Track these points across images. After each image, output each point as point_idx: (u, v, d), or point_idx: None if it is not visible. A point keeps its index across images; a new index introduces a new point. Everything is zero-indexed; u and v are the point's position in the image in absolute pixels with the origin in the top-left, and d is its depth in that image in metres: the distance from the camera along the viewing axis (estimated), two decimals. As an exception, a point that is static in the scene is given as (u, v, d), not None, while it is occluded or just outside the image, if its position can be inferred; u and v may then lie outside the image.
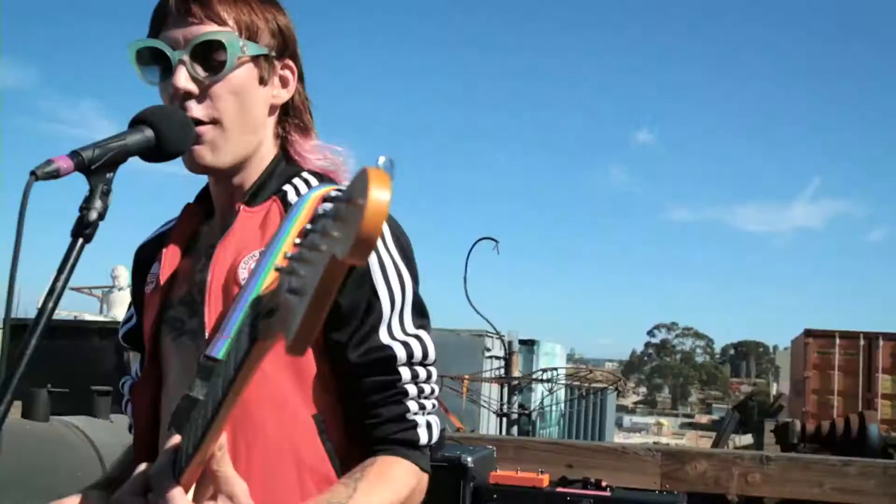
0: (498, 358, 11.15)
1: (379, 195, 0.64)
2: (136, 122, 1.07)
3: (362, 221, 0.64)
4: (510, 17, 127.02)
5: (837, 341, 15.39)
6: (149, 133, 1.05)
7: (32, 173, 0.93)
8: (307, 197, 1.15)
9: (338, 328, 1.11)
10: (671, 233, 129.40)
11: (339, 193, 0.74)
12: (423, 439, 1.14)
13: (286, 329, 0.73)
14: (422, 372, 1.16)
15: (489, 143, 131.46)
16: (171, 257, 1.27)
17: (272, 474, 1.10)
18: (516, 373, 8.76)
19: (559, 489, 2.89)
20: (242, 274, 1.14)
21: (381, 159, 0.67)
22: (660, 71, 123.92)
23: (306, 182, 1.23)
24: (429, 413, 1.17)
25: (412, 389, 1.14)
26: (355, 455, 1.13)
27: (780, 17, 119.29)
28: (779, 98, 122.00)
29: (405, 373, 1.13)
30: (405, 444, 1.12)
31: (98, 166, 0.99)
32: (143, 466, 0.99)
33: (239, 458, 1.07)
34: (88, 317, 10.42)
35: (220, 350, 1.04)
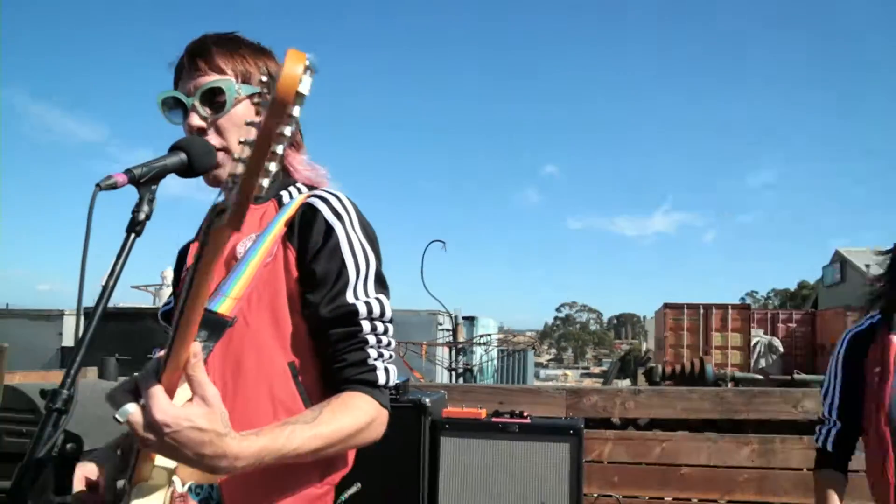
0: (447, 330, 11.11)
1: (292, 67, 0.60)
2: (174, 149, 1.03)
3: (278, 83, 0.60)
4: (449, 63, 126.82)
5: (685, 311, 15.73)
6: (183, 156, 1.02)
7: (97, 185, 0.90)
8: (295, 199, 1.13)
9: (312, 291, 1.05)
10: (570, 237, 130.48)
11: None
12: (382, 380, 1.06)
13: (228, 210, 0.67)
14: (380, 326, 1.09)
15: (437, 172, 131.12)
16: (195, 249, 1.24)
17: (251, 407, 1.03)
18: (461, 339, 8.72)
19: (493, 419, 2.85)
20: (240, 249, 1.09)
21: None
22: (562, 117, 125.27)
23: (299, 190, 1.19)
24: (386, 361, 1.09)
25: (372, 339, 1.06)
26: (326, 397, 1.05)
27: (652, 75, 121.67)
28: (639, 136, 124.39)
29: (366, 325, 1.06)
30: (366, 383, 1.05)
31: (145, 180, 0.96)
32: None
33: (226, 393, 1.00)
34: (145, 306, 10.51)
35: (217, 304, 1.01)
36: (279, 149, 0.65)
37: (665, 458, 3.17)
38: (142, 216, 0.96)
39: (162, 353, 0.84)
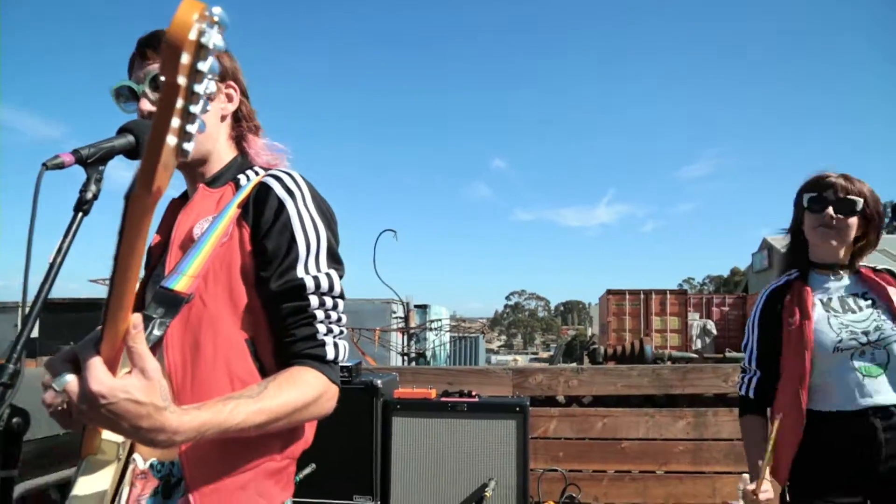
0: (401, 318, 11.14)
1: (183, 13, 0.59)
2: (122, 131, 1.03)
3: (167, 28, 0.59)
4: (412, 61, 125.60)
5: (627, 296, 16.26)
6: (130, 138, 1.02)
7: (43, 164, 0.89)
8: (252, 180, 1.15)
9: (264, 267, 1.06)
10: (519, 228, 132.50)
11: None
12: (330, 355, 1.05)
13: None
14: (328, 301, 1.08)
15: (398, 164, 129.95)
16: (159, 235, 1.23)
17: (209, 384, 1.02)
18: (413, 325, 8.77)
19: (443, 399, 2.92)
20: (197, 231, 1.09)
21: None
22: (507, 114, 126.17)
23: (256, 173, 1.19)
24: (336, 336, 1.08)
25: (320, 314, 1.06)
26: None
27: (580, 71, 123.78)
28: (583, 132, 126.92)
29: (314, 300, 1.05)
30: (314, 357, 1.04)
31: (92, 160, 0.95)
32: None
33: (185, 371, 1.03)
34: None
35: (174, 282, 1.02)
36: (191, 107, 0.63)
37: (606, 432, 3.31)
38: (89, 195, 0.95)
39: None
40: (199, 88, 0.63)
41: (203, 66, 0.62)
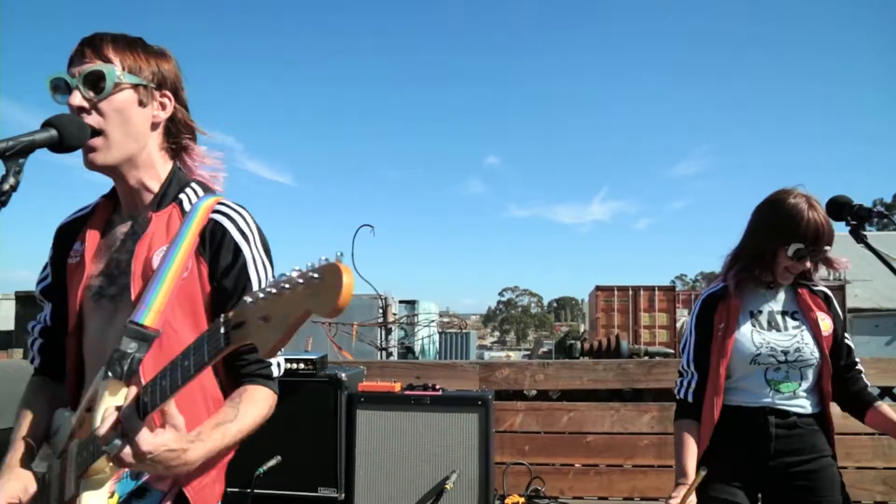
0: (393, 314, 11.18)
1: (348, 280, 0.74)
2: (45, 125, 1.06)
3: (339, 297, 0.73)
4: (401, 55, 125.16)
5: (616, 293, 16.22)
6: (53, 132, 1.05)
7: None
8: (197, 207, 1.22)
9: (223, 303, 1.19)
10: (512, 225, 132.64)
11: (314, 274, 0.79)
12: (275, 373, 1.25)
13: (261, 343, 0.83)
14: None
15: (385, 161, 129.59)
16: (92, 240, 1.27)
17: (188, 402, 1.14)
18: (391, 320, 8.80)
19: (406, 392, 2.94)
20: (155, 261, 1.18)
21: (339, 253, 0.75)
22: (501, 110, 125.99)
23: (195, 192, 1.27)
24: (276, 357, 1.23)
25: None
26: (232, 385, 1.22)
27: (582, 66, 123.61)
28: (577, 129, 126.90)
29: None
30: (264, 377, 1.22)
31: (11, 154, 0.98)
32: (112, 412, 1.01)
33: None
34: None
35: (142, 317, 1.12)
36: None
37: (572, 426, 3.35)
38: (6, 187, 0.98)
39: (133, 392, 1.00)
40: None
41: None
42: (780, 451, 1.77)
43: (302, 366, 2.83)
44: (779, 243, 1.77)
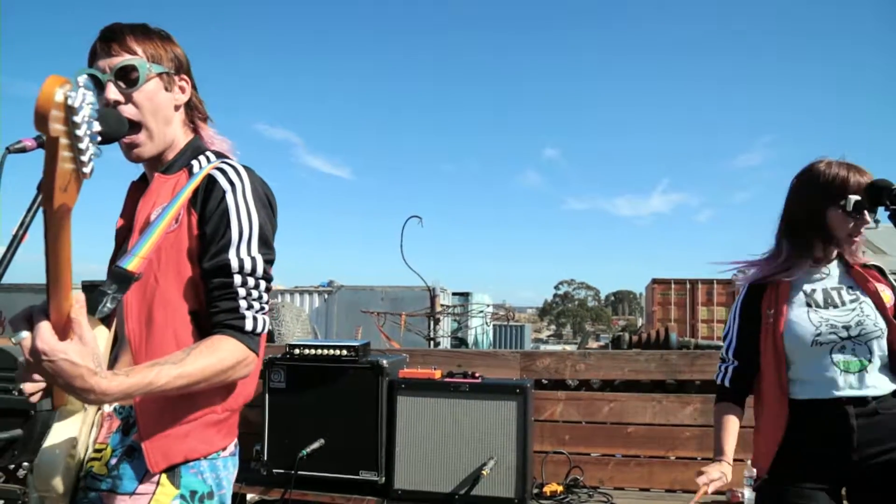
0: (446, 305, 11.24)
1: (45, 87, 0.70)
2: None
3: (34, 104, 0.71)
4: (450, 51, 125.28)
5: (673, 286, 15.73)
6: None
7: (7, 148, 0.95)
8: (203, 169, 1.25)
9: (204, 248, 1.18)
10: (570, 217, 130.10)
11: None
12: (249, 327, 1.17)
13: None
14: (251, 280, 1.19)
15: (442, 155, 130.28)
16: (122, 219, 1.35)
17: (161, 347, 1.15)
18: (438, 310, 8.87)
19: (446, 379, 2.96)
20: (153, 216, 1.22)
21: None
22: (562, 104, 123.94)
23: (208, 158, 1.30)
24: (257, 311, 1.19)
25: (242, 291, 1.17)
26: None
27: (634, 46, 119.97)
28: (637, 121, 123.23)
29: (237, 278, 1.17)
30: (234, 328, 1.16)
31: None
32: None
33: (142, 336, 1.16)
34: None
35: (126, 262, 1.13)
36: (79, 144, 0.75)
37: (613, 417, 3.29)
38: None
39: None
40: (80, 132, 0.75)
41: (77, 116, 0.75)
42: (862, 443, 1.65)
43: (345, 352, 2.91)
44: (830, 202, 1.69)
